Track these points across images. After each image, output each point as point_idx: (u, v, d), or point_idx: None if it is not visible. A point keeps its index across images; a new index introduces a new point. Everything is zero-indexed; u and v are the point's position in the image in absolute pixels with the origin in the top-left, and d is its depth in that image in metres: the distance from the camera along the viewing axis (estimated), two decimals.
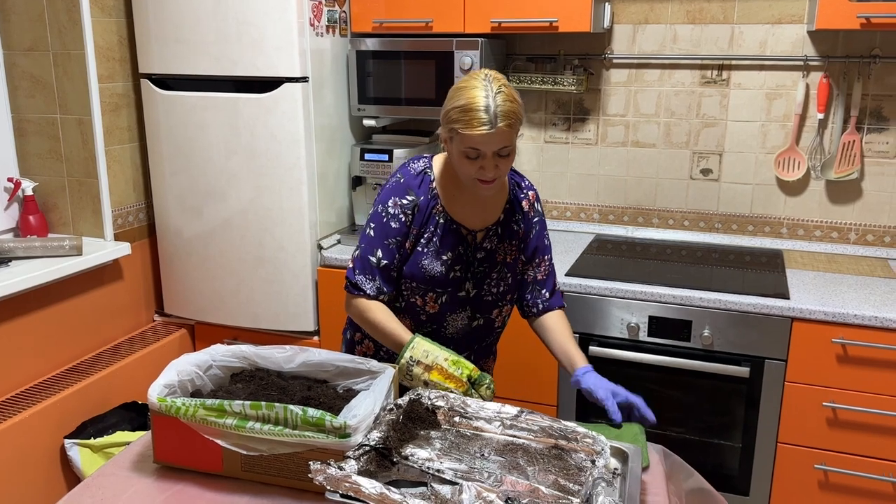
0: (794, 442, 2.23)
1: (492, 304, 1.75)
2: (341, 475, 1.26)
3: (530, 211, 1.73)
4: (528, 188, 1.74)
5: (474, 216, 1.68)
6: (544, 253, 1.76)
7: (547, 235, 1.77)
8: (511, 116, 1.49)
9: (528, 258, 1.75)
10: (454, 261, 1.67)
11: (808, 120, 2.58)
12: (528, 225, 1.73)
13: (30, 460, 2.20)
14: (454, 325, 1.74)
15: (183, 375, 1.54)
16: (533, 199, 1.73)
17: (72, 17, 2.41)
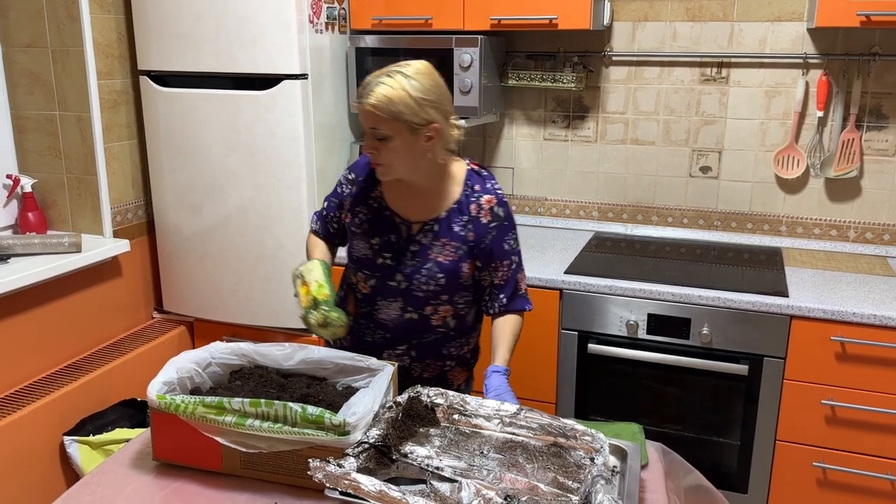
0: (793, 440, 2.24)
1: (423, 301, 1.70)
2: (340, 472, 1.26)
3: (484, 216, 1.67)
4: (484, 192, 1.68)
5: (413, 208, 1.68)
6: (502, 258, 1.70)
7: (509, 241, 1.70)
8: (381, 100, 1.50)
9: (483, 263, 1.70)
10: (382, 247, 1.69)
11: (808, 118, 2.58)
12: (481, 230, 1.67)
13: (29, 457, 2.20)
14: (387, 312, 1.74)
15: (182, 373, 1.54)
16: (489, 203, 1.67)
17: (71, 14, 2.41)
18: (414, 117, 1.52)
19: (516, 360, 2.43)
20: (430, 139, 1.56)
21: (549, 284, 2.35)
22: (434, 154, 1.60)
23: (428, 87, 1.54)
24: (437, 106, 1.55)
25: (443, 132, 1.58)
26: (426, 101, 1.53)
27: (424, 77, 1.55)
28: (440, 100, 1.56)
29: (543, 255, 2.56)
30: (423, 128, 1.54)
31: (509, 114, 2.93)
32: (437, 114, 1.55)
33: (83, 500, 1.41)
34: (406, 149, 1.56)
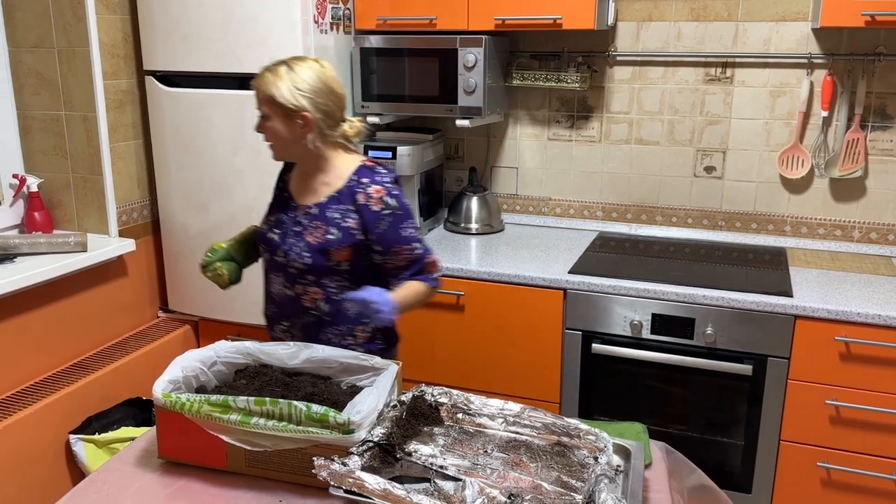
0: (797, 440, 2.23)
1: (295, 278, 1.80)
2: (345, 471, 1.27)
3: (375, 204, 1.74)
4: (372, 183, 1.75)
5: (302, 191, 1.83)
6: (402, 244, 1.77)
7: (407, 228, 1.77)
8: (260, 82, 1.70)
9: (383, 248, 1.77)
10: (274, 224, 1.85)
11: (812, 118, 2.58)
12: (372, 217, 1.74)
13: (35, 455, 2.21)
14: (274, 286, 1.87)
15: (188, 371, 1.55)
16: (378, 193, 1.74)
17: (77, 14, 2.42)
18: (285, 102, 1.67)
19: (520, 359, 2.44)
20: (304, 127, 1.71)
21: (553, 284, 2.36)
22: (308, 142, 1.73)
23: (305, 80, 1.68)
24: (310, 98, 1.68)
25: (316, 124, 1.71)
26: (299, 91, 1.67)
27: (307, 71, 1.69)
28: (316, 94, 1.69)
29: (547, 255, 2.57)
30: (296, 114, 1.69)
31: (513, 114, 2.93)
32: (311, 105, 1.69)
33: (89, 497, 1.42)
34: (282, 131, 1.72)
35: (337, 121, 1.75)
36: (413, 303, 1.78)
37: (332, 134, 1.75)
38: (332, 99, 1.72)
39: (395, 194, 1.77)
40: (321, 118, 1.71)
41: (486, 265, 2.45)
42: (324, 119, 1.71)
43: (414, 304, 1.79)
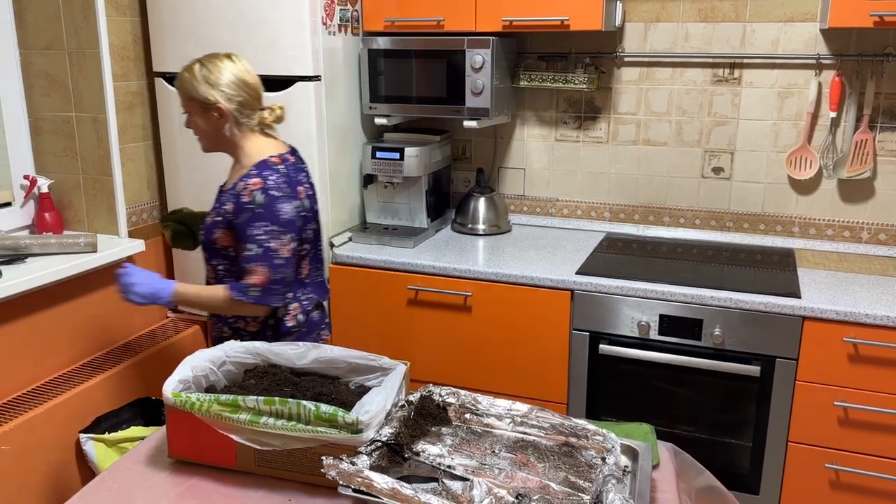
0: (805, 441, 2.23)
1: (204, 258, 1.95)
2: (354, 470, 1.27)
3: (246, 196, 1.81)
4: (256, 176, 1.81)
5: (229, 176, 1.95)
6: (244, 241, 1.82)
7: (258, 230, 1.79)
8: (178, 83, 1.85)
9: (236, 241, 1.85)
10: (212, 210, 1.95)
11: (821, 118, 2.58)
12: (239, 206, 1.82)
13: (46, 454, 2.23)
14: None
15: (197, 371, 1.56)
16: (254, 186, 1.80)
17: (87, 17, 2.43)
18: (198, 95, 1.81)
19: (527, 359, 2.44)
20: (220, 119, 1.83)
21: (561, 285, 2.36)
22: (225, 131, 1.85)
23: (214, 73, 1.81)
24: (223, 91, 1.81)
25: (231, 115, 1.83)
26: (209, 84, 1.80)
27: (218, 67, 1.82)
28: (228, 87, 1.82)
29: (555, 256, 2.57)
30: (212, 107, 1.81)
31: (521, 115, 2.93)
32: (223, 98, 1.81)
33: (100, 496, 1.43)
34: (202, 124, 1.85)
35: (253, 109, 1.87)
36: (201, 304, 1.90)
37: (249, 122, 1.87)
38: (245, 90, 1.84)
39: (269, 193, 1.79)
40: (235, 108, 1.83)
41: (494, 266, 2.45)
42: (238, 109, 1.84)
43: (204, 305, 1.90)
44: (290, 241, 1.83)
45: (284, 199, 1.81)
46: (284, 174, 1.84)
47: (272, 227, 1.79)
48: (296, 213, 1.84)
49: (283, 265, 1.83)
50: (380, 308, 2.58)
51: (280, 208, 1.80)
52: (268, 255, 1.80)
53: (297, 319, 1.94)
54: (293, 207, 1.82)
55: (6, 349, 2.24)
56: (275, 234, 1.80)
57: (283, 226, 1.80)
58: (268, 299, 1.84)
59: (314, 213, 1.98)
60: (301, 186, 1.89)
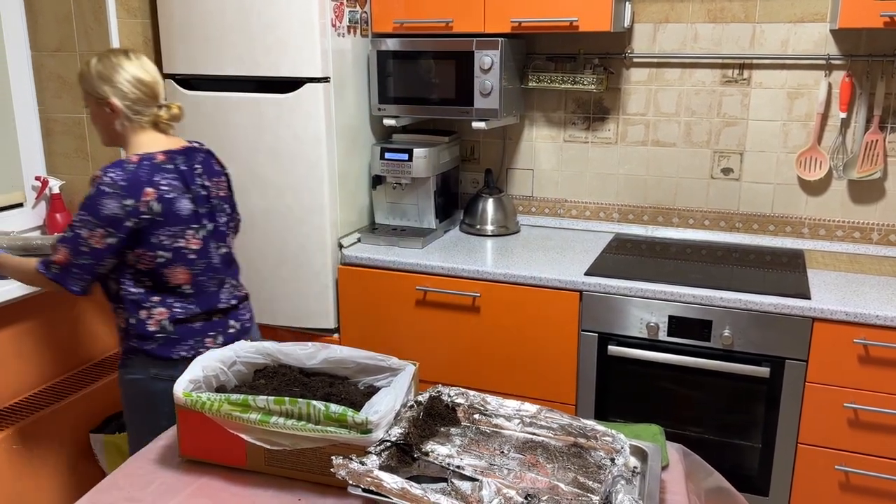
0: (815, 443, 2.22)
1: None
2: (363, 470, 1.28)
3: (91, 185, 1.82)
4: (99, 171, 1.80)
5: None
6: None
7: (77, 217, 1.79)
8: (78, 78, 1.89)
9: None
10: None
11: (831, 119, 2.57)
12: None
13: (57, 453, 2.24)
14: None
15: (208, 371, 1.57)
16: (96, 178, 1.80)
17: (98, 19, 2.45)
18: (92, 90, 1.84)
19: (535, 360, 2.44)
20: (112, 114, 1.85)
21: (569, 286, 2.36)
22: (117, 125, 1.86)
23: (109, 70, 1.83)
24: (115, 87, 1.83)
25: (122, 110, 1.84)
26: (102, 80, 1.83)
27: (112, 63, 1.84)
28: (122, 84, 1.83)
29: (563, 257, 2.57)
30: (104, 102, 1.84)
31: (529, 116, 2.93)
32: (114, 93, 1.83)
33: (110, 495, 1.44)
34: (97, 116, 1.89)
35: (147, 106, 1.87)
36: (17, 275, 1.92)
37: (140, 119, 1.87)
38: (139, 87, 1.85)
39: (99, 187, 1.77)
40: (129, 104, 1.84)
41: (502, 267, 2.45)
42: (130, 106, 1.85)
43: (18, 276, 1.92)
44: (106, 235, 1.77)
45: (112, 195, 1.76)
46: (131, 172, 1.78)
47: (88, 216, 1.77)
48: (122, 212, 1.76)
49: (87, 254, 1.78)
50: (388, 309, 2.58)
51: (103, 203, 1.76)
52: (75, 240, 1.78)
53: (160, 325, 1.87)
54: (119, 206, 1.76)
55: (17, 349, 2.25)
56: (88, 224, 1.77)
57: (99, 220, 1.76)
58: (65, 280, 1.80)
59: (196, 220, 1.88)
60: (151, 188, 1.80)
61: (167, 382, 1.79)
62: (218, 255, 1.96)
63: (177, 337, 1.89)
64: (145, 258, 1.83)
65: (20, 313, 2.24)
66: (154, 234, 1.81)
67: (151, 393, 1.88)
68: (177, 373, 1.67)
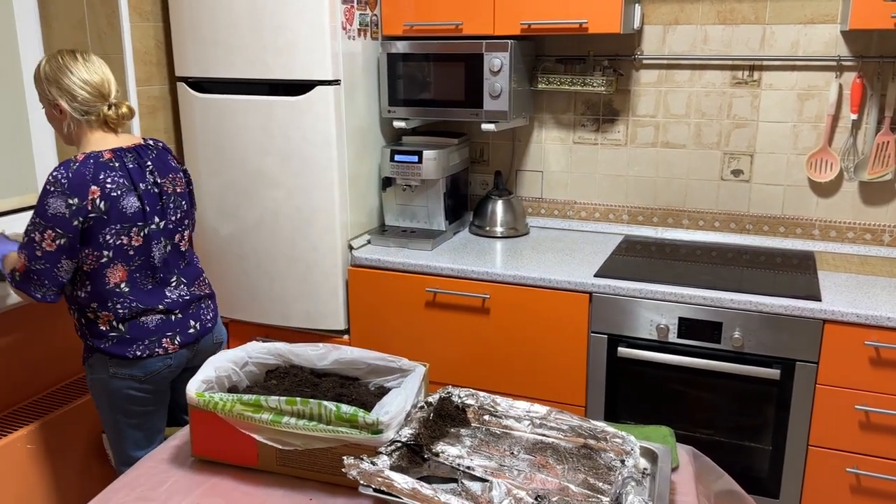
0: (826, 445, 2.22)
1: None
2: (374, 470, 1.29)
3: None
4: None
5: None
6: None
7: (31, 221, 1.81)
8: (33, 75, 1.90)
9: None
10: None
11: (841, 120, 2.56)
12: None
13: (70, 452, 2.26)
14: None
15: (220, 371, 1.58)
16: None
17: (111, 23, 2.47)
18: (42, 92, 1.87)
19: (545, 362, 2.45)
20: (61, 114, 1.87)
21: (579, 287, 2.36)
22: (65, 126, 1.88)
23: (55, 71, 1.84)
24: (61, 90, 1.84)
25: (68, 112, 1.85)
26: (49, 81, 1.85)
27: (60, 65, 1.84)
28: (69, 87, 1.84)
29: (573, 259, 2.57)
30: (53, 104, 1.86)
31: (539, 117, 2.94)
32: (61, 96, 1.84)
33: (123, 494, 1.46)
34: (51, 117, 1.91)
35: (93, 106, 1.87)
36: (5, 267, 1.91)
37: (89, 118, 1.88)
38: (84, 87, 1.85)
39: (46, 187, 1.79)
40: (76, 105, 1.85)
41: (512, 268, 2.46)
42: (78, 106, 1.85)
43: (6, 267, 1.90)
44: (56, 237, 1.78)
45: (56, 194, 1.77)
46: (74, 170, 1.79)
47: (38, 218, 1.79)
48: (68, 211, 1.77)
49: (41, 258, 1.79)
50: (398, 310, 2.59)
51: (48, 203, 1.77)
52: (30, 245, 1.80)
53: (110, 324, 1.89)
54: (64, 205, 1.76)
55: (30, 350, 2.27)
56: (38, 226, 1.79)
57: (46, 220, 1.78)
58: (27, 287, 1.83)
59: (143, 217, 1.88)
60: (96, 186, 1.80)
61: (125, 381, 1.91)
62: (159, 253, 1.94)
63: (130, 336, 1.90)
64: (90, 258, 1.84)
65: (34, 315, 2.26)
66: (101, 233, 1.82)
67: (112, 391, 1.93)
68: (134, 371, 1.69)
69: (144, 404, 1.96)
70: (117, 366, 1.90)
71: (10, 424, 2.14)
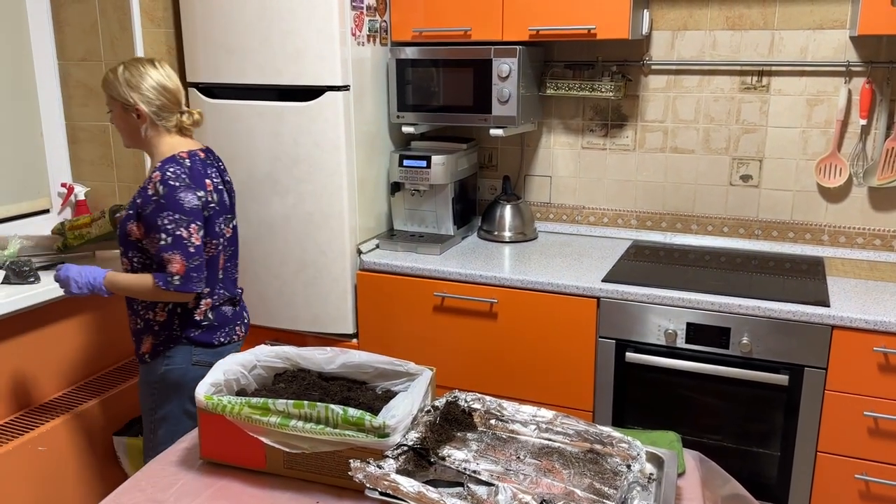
0: (835, 451, 2.21)
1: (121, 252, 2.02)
2: (380, 473, 1.30)
3: (151, 188, 1.89)
4: (158, 170, 1.90)
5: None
6: (155, 231, 1.87)
7: (164, 219, 1.86)
8: (103, 83, 1.95)
9: (145, 232, 1.91)
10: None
11: (851, 126, 2.55)
12: (145, 199, 1.89)
13: (81, 455, 2.28)
14: None
15: (229, 375, 1.60)
16: (156, 178, 1.88)
17: (123, 28, 2.50)
18: (119, 96, 1.92)
19: (553, 367, 2.45)
20: (138, 119, 1.93)
21: (587, 293, 2.37)
22: (143, 130, 1.95)
23: (136, 77, 1.91)
24: (142, 94, 1.92)
25: (149, 116, 1.93)
26: (130, 87, 1.91)
27: (139, 71, 1.92)
28: (148, 91, 1.92)
29: (581, 264, 2.57)
30: (131, 108, 1.92)
31: (547, 123, 2.95)
32: (141, 100, 1.91)
33: (133, 496, 1.47)
34: (122, 121, 1.96)
35: (171, 112, 1.96)
36: (131, 291, 1.95)
37: (166, 124, 1.96)
38: (164, 95, 1.94)
39: (169, 184, 1.87)
40: (154, 111, 1.93)
41: (520, 273, 2.47)
42: (156, 112, 1.94)
43: (133, 292, 1.95)
44: (198, 229, 1.89)
45: (184, 188, 1.87)
46: (187, 167, 1.92)
47: (177, 215, 1.86)
48: (200, 203, 1.91)
49: (195, 254, 1.89)
50: (406, 314, 2.60)
51: (181, 197, 1.87)
52: (180, 244, 1.87)
53: (205, 314, 2.01)
54: (195, 198, 1.89)
55: (42, 352, 2.30)
56: (181, 223, 1.87)
57: (187, 214, 1.87)
58: (189, 286, 1.89)
59: (230, 210, 2.06)
60: (208, 180, 1.96)
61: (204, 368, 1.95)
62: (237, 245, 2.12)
63: (216, 324, 2.03)
64: (209, 247, 1.96)
65: (44, 319, 2.29)
66: (215, 223, 1.97)
67: (188, 381, 1.97)
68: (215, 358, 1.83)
69: None
70: (202, 354, 2.01)
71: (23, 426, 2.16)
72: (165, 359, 2.00)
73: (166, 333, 2.00)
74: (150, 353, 2.01)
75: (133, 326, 2.05)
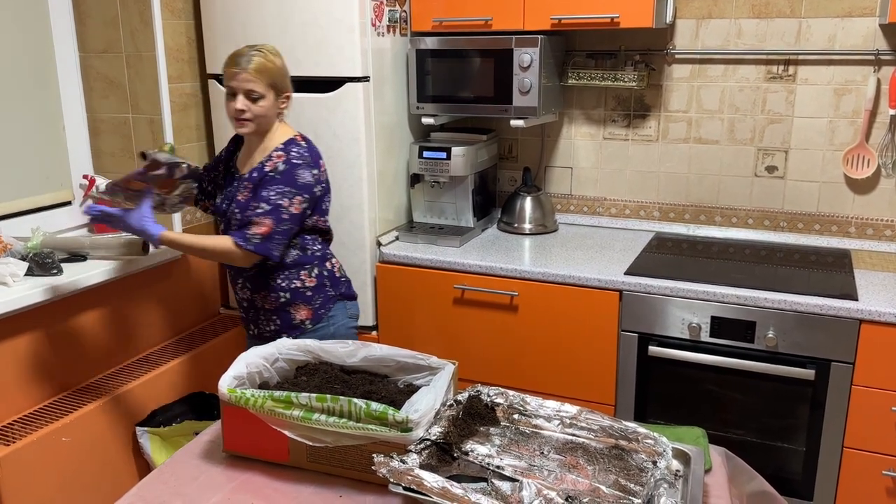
0: (861, 447, 2.17)
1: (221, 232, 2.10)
2: (404, 468, 1.29)
3: (270, 167, 1.99)
4: (282, 151, 2.00)
5: (245, 162, 2.10)
6: (258, 200, 1.97)
7: (272, 191, 1.96)
8: (259, 67, 1.96)
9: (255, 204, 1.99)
10: (225, 196, 2.12)
11: (879, 116, 2.50)
12: (264, 177, 1.99)
13: (104, 446, 2.29)
14: None
15: (251, 368, 1.60)
16: (278, 158, 1.99)
17: (144, 20, 2.50)
18: (281, 84, 2.02)
19: (574, 360, 2.43)
20: (283, 103, 2.05)
21: (609, 285, 2.34)
22: (282, 115, 2.07)
23: (284, 64, 2.04)
24: (289, 79, 2.06)
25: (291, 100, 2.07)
26: (287, 76, 2.04)
27: (280, 57, 2.03)
28: (288, 76, 2.06)
29: (602, 256, 2.55)
30: (283, 93, 2.03)
31: (568, 113, 2.92)
32: (291, 85, 2.06)
33: (157, 488, 1.47)
34: (269, 108, 2.01)
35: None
36: (194, 247, 2.01)
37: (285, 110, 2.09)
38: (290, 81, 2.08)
39: (292, 162, 1.99)
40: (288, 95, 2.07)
41: (540, 265, 2.45)
42: (288, 96, 2.07)
43: (197, 249, 2.02)
44: (303, 202, 1.99)
45: (305, 166, 2.00)
46: (309, 148, 2.05)
47: (285, 188, 1.97)
48: (314, 180, 2.02)
49: (288, 220, 1.97)
50: (426, 307, 2.59)
51: (299, 174, 1.98)
52: (276, 210, 1.96)
53: (341, 271, 2.20)
54: (312, 175, 2.01)
55: (65, 345, 2.31)
56: (286, 194, 1.97)
57: (297, 188, 1.97)
58: (268, 248, 1.97)
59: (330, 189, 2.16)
60: (322, 160, 2.08)
61: (355, 320, 2.24)
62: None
63: (347, 278, 2.22)
64: (320, 221, 2.11)
65: (69, 310, 2.30)
66: (324, 201, 2.10)
67: (348, 335, 2.17)
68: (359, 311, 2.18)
69: None
70: (353, 307, 2.22)
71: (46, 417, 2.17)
72: (329, 319, 2.13)
73: (322, 295, 2.12)
74: (311, 318, 2.12)
75: (274, 302, 2.10)
